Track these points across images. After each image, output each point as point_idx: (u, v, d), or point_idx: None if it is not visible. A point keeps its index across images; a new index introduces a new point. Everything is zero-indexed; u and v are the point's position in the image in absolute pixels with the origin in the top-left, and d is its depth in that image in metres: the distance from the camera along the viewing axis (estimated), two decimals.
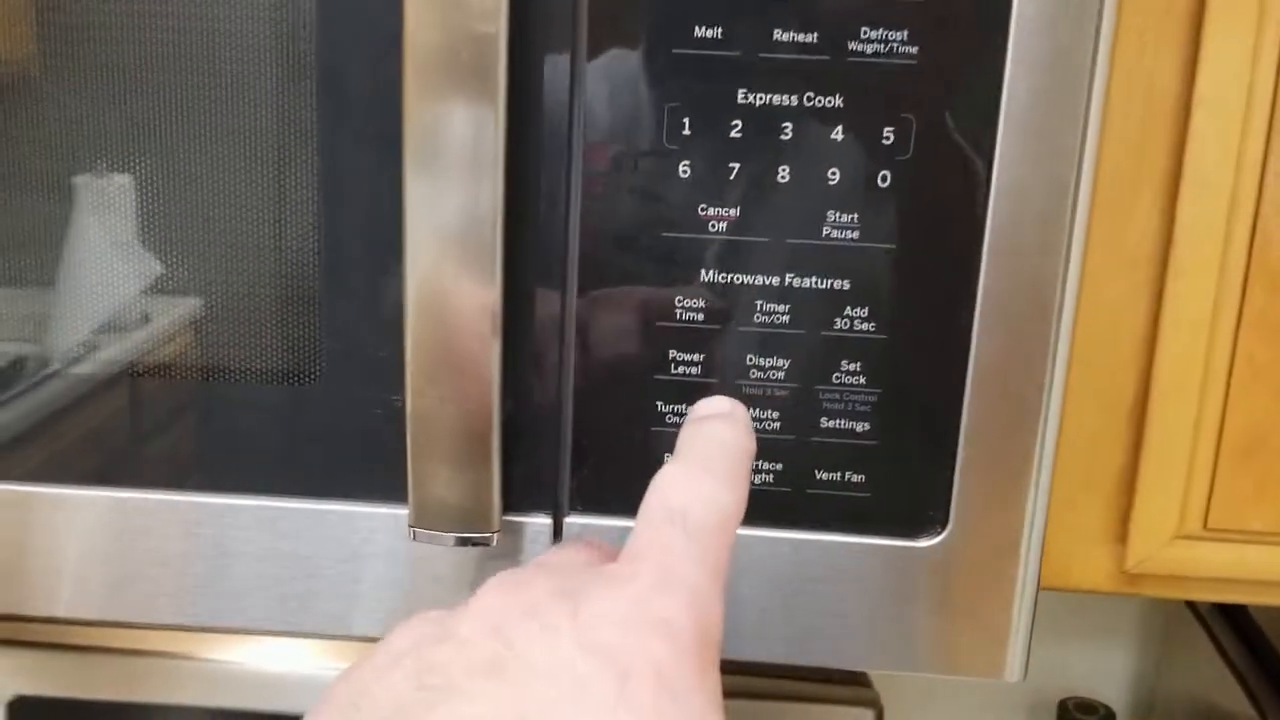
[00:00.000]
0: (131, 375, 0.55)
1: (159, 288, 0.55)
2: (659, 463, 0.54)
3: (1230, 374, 0.60)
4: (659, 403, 0.54)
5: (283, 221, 0.53)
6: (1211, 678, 0.94)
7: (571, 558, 0.46)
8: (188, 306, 0.56)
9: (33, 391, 0.57)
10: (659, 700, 0.35)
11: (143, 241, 0.55)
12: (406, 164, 0.46)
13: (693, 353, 0.54)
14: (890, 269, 0.53)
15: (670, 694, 0.35)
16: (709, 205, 0.53)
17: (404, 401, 0.50)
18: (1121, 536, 0.64)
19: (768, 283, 0.53)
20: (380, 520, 0.55)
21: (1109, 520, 0.64)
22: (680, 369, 0.54)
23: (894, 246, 0.52)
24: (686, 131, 0.52)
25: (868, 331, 0.53)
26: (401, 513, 0.53)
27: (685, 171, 0.52)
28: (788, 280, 0.53)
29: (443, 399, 0.47)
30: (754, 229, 0.53)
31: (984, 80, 0.50)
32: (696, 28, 0.51)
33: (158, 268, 0.55)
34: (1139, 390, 0.63)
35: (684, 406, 0.54)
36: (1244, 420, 0.60)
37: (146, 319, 0.56)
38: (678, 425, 0.54)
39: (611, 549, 0.46)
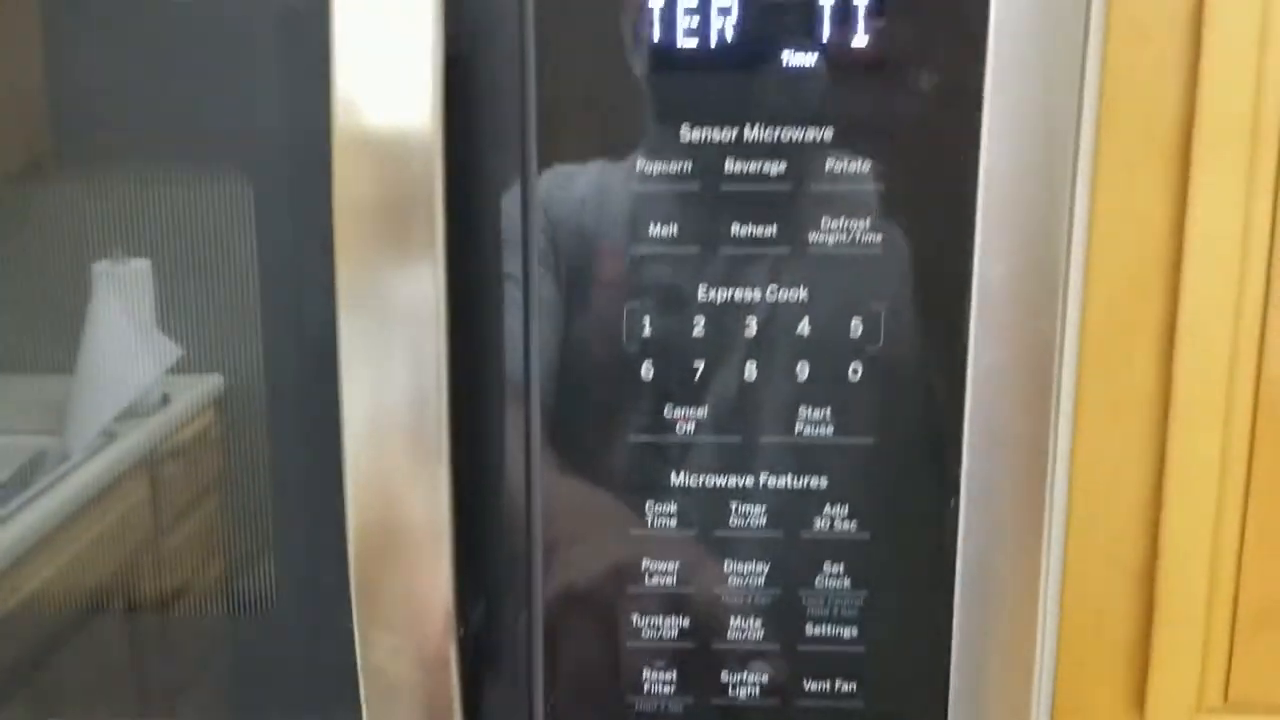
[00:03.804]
0: (62, 608, 0.53)
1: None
2: (636, 681, 0.51)
3: (1242, 538, 0.56)
4: (635, 615, 0.51)
5: (231, 438, 0.51)
6: None
7: None
8: (126, 530, 0.54)
9: None
10: None
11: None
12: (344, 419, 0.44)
13: (667, 561, 0.51)
14: (869, 464, 0.50)
15: None
16: (675, 406, 0.50)
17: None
18: (1138, 706, 0.60)
19: (741, 483, 0.50)
20: None
21: (1123, 690, 0.61)
22: (655, 579, 0.51)
23: (871, 440, 0.49)
24: (647, 332, 0.50)
25: (850, 531, 0.50)
26: None
27: (648, 373, 0.50)
28: (762, 480, 0.50)
29: (397, 649, 0.44)
30: (724, 429, 0.50)
31: (952, 264, 0.48)
32: (652, 225, 0.49)
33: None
34: (1147, 552, 0.59)
35: (661, 619, 0.51)
36: (1260, 586, 0.57)
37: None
38: (655, 640, 0.51)
39: None
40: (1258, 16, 0.53)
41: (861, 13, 0.45)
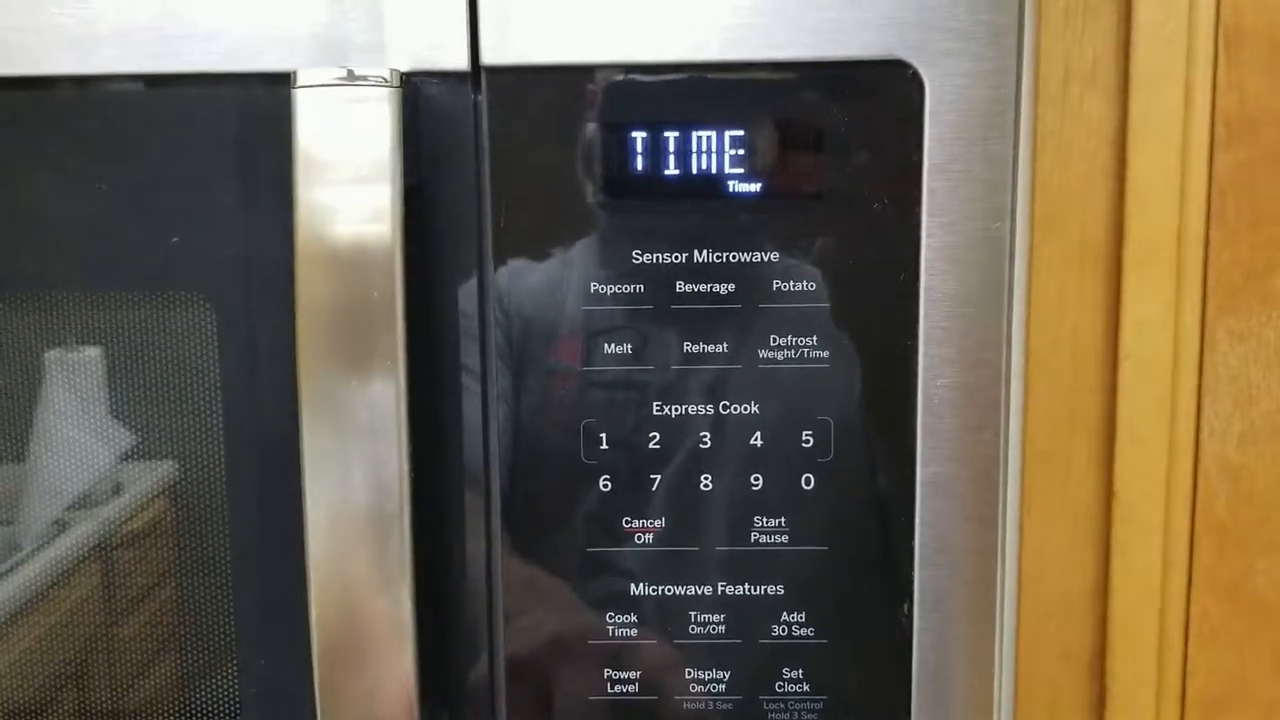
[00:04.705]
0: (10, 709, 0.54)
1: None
2: None
3: (1187, 632, 0.58)
4: None
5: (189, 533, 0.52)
6: None
7: None
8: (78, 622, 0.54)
9: None
10: None
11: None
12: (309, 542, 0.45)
13: (629, 670, 0.52)
14: (824, 571, 0.51)
15: None
16: (633, 517, 0.51)
17: None
18: None
19: (700, 592, 0.52)
20: None
21: None
22: (617, 688, 0.52)
23: (825, 548, 0.51)
24: (604, 446, 0.51)
25: (807, 636, 0.51)
26: None
27: (606, 485, 0.51)
28: (720, 589, 0.52)
29: None
30: (681, 538, 0.51)
31: (897, 379, 0.50)
32: (607, 345, 0.50)
33: None
34: (1096, 643, 0.61)
35: None
36: (1205, 678, 0.58)
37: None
38: None
39: None
40: (1178, 135, 0.56)
41: (803, 146, 0.48)
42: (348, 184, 0.46)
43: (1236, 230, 0.57)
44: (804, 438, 0.50)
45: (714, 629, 0.51)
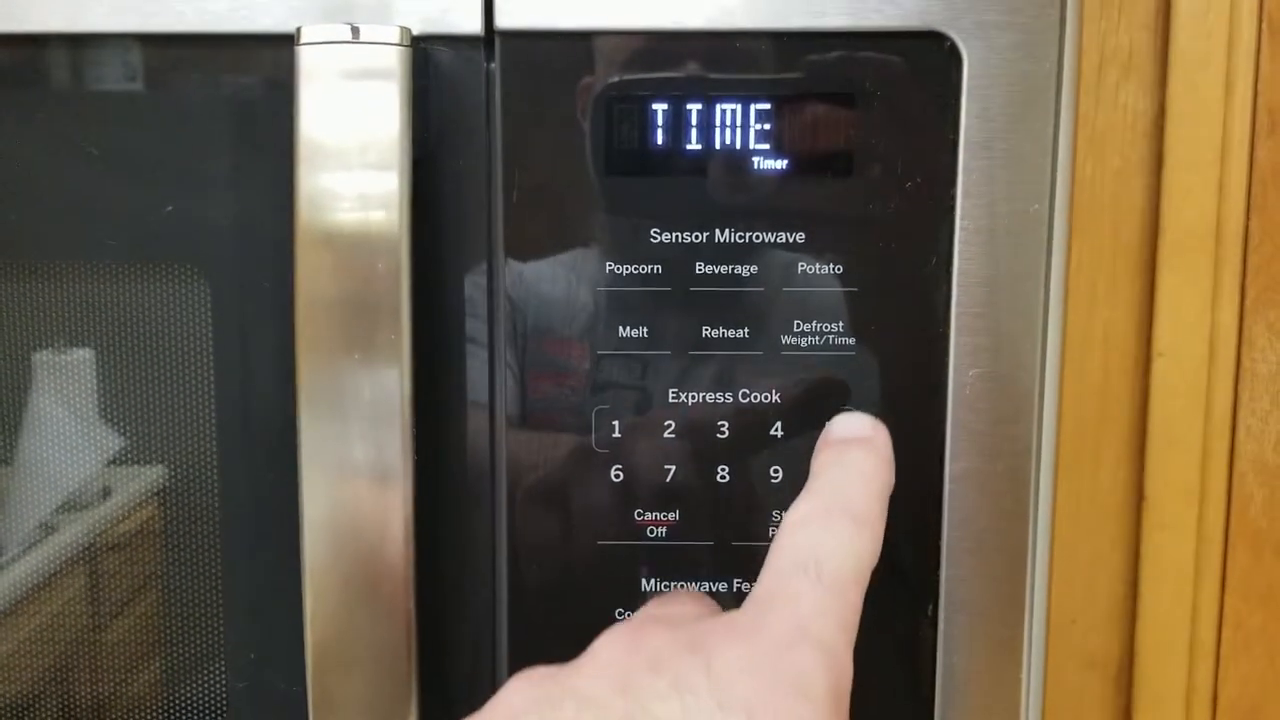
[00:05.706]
0: None
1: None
2: None
3: (1219, 639, 0.56)
4: None
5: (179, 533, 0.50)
6: None
7: (681, 610, 0.43)
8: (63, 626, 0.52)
9: None
10: None
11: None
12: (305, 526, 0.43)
13: None
14: None
15: None
16: (645, 509, 0.49)
17: None
18: None
19: (715, 589, 0.49)
20: None
21: None
22: None
23: None
24: (617, 434, 0.49)
25: None
26: None
27: (618, 475, 0.49)
28: (735, 586, 0.49)
29: None
30: (695, 533, 0.49)
31: (926, 368, 0.47)
32: (621, 328, 0.48)
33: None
34: (1124, 652, 0.58)
35: None
36: (1238, 688, 0.56)
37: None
38: None
39: (715, 605, 0.45)
40: (1218, 126, 0.54)
41: (832, 121, 0.46)
42: (353, 148, 0.44)
43: (1278, 222, 0.54)
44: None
45: None
